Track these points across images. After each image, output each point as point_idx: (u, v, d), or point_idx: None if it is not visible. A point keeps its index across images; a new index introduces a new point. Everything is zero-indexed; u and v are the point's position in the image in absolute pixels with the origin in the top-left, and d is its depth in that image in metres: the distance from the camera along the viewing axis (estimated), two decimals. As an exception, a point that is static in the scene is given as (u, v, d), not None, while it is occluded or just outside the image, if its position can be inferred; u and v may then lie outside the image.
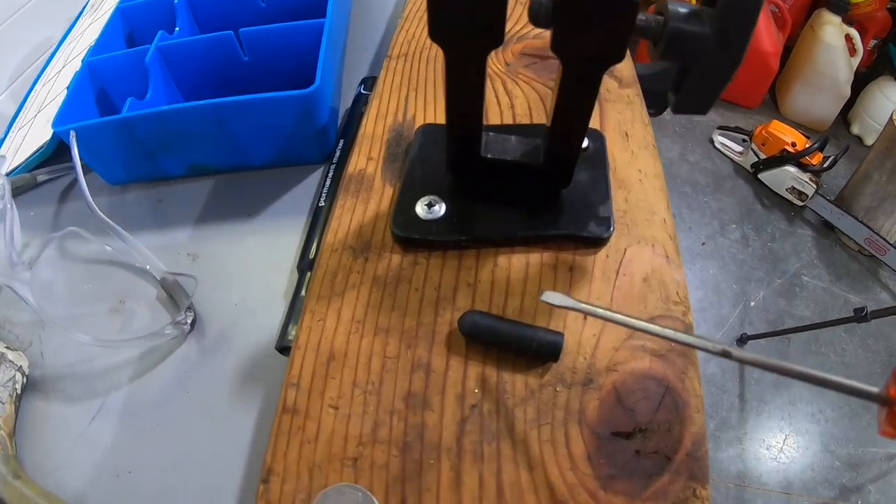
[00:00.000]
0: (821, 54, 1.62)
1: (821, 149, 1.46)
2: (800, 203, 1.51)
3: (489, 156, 0.33)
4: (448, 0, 0.24)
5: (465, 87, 0.28)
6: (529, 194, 0.35)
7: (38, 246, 0.45)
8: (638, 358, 0.30)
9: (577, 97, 0.28)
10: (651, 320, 0.32)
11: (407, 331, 0.31)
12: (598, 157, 0.37)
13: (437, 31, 0.26)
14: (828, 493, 1.10)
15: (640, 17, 0.24)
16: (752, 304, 1.36)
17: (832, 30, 1.59)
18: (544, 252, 0.34)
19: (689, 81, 0.26)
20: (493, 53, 0.43)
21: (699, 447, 0.27)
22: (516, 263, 0.33)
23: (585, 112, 0.29)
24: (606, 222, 0.34)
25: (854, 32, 1.60)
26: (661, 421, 0.28)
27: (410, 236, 0.33)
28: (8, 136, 0.56)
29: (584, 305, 0.25)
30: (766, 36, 1.63)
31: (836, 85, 1.64)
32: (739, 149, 1.64)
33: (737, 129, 1.63)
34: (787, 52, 1.75)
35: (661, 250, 0.34)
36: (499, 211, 0.34)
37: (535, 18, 0.25)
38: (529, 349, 0.29)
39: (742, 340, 1.26)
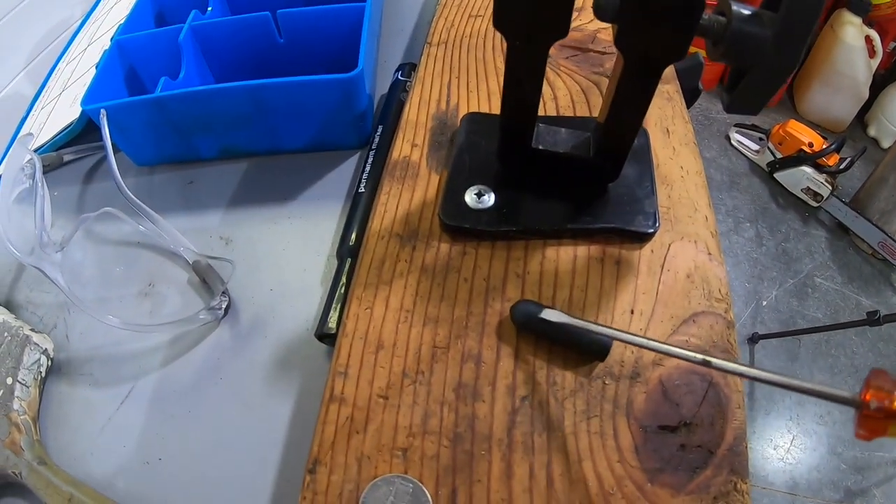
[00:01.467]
0: (840, 54, 1.60)
1: (837, 150, 1.45)
2: (815, 204, 1.51)
3: (540, 147, 0.32)
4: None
5: (524, 77, 0.28)
6: (577, 187, 0.34)
7: (65, 226, 0.44)
8: (682, 353, 0.30)
9: (634, 93, 0.28)
10: (693, 317, 0.32)
11: (457, 321, 0.30)
12: (643, 152, 0.37)
13: (502, 20, 0.25)
14: (833, 495, 1.10)
15: (703, 16, 0.24)
16: (765, 303, 1.36)
17: (852, 30, 1.58)
18: (591, 245, 0.33)
19: (746, 83, 0.26)
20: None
21: (740, 442, 0.27)
22: (564, 256, 0.33)
23: (642, 108, 0.29)
24: (652, 217, 0.34)
25: (874, 34, 1.59)
26: (704, 415, 0.28)
27: (460, 225, 0.33)
28: (30, 115, 0.55)
29: (579, 322, 0.28)
30: (785, 34, 1.61)
31: (854, 86, 1.63)
32: (756, 147, 1.63)
33: (753, 128, 1.62)
34: (807, 51, 1.73)
35: (703, 247, 0.34)
36: (547, 203, 0.34)
37: (601, 12, 0.24)
38: (581, 344, 0.29)
39: (754, 340, 1.26)
